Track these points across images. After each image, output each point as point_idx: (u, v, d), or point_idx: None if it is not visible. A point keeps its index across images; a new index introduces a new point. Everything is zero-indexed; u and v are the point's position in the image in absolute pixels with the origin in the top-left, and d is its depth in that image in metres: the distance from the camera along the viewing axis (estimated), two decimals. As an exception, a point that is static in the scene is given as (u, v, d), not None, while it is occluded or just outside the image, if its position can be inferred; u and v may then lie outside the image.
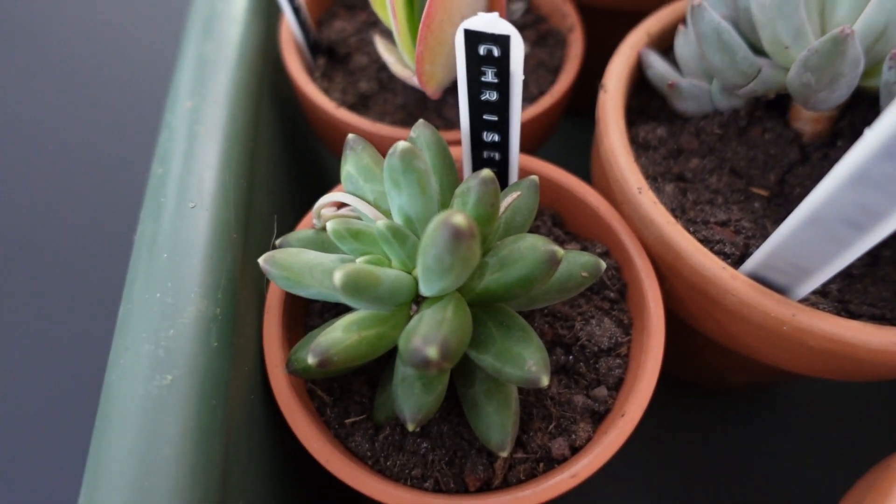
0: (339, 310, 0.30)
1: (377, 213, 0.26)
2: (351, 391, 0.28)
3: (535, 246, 0.22)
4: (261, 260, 0.24)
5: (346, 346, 0.22)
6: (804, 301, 0.26)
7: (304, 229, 0.29)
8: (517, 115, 0.26)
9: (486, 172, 0.23)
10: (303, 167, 0.43)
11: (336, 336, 0.22)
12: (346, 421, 0.27)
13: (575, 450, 0.26)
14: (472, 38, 0.23)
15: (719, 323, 0.28)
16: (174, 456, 0.21)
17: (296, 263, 0.24)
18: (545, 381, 0.22)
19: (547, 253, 0.22)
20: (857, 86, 0.26)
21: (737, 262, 0.28)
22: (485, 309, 0.24)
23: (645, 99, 0.35)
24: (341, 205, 0.29)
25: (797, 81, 0.26)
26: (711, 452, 0.39)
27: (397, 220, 0.24)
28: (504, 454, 0.24)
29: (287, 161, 0.38)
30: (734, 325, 0.28)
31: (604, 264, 0.25)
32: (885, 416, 0.39)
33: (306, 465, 0.27)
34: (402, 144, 0.22)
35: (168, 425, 0.21)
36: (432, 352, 0.19)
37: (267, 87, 0.34)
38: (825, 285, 0.28)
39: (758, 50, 0.28)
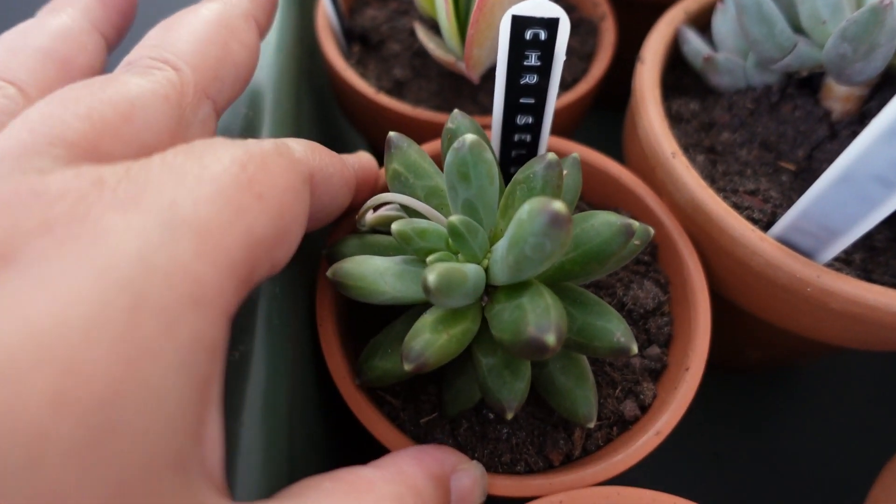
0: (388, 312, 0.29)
1: (432, 210, 0.25)
2: (416, 392, 0.28)
3: (609, 221, 0.23)
4: (329, 274, 0.24)
5: (439, 346, 0.22)
6: (829, 266, 0.27)
7: (347, 235, 0.28)
8: (553, 97, 0.26)
9: (552, 156, 0.23)
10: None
11: (427, 338, 0.22)
12: (421, 421, 0.27)
13: (644, 408, 0.28)
14: (520, 23, 0.23)
15: (746, 285, 0.29)
16: (250, 422, 0.21)
17: (367, 272, 0.24)
18: (635, 348, 0.23)
19: (623, 226, 0.22)
20: (889, 64, 0.28)
21: (764, 227, 0.29)
22: (554, 289, 0.25)
23: (679, 75, 0.36)
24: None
25: (834, 52, 0.27)
26: (733, 434, 0.40)
27: (461, 213, 0.24)
28: (591, 425, 0.25)
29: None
30: (760, 288, 0.29)
31: (652, 230, 0.26)
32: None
33: (354, 446, 0.27)
34: (470, 137, 0.22)
35: (242, 393, 0.21)
36: (551, 339, 0.20)
37: (304, 73, 0.33)
38: (849, 254, 0.29)
39: (795, 27, 0.30)
